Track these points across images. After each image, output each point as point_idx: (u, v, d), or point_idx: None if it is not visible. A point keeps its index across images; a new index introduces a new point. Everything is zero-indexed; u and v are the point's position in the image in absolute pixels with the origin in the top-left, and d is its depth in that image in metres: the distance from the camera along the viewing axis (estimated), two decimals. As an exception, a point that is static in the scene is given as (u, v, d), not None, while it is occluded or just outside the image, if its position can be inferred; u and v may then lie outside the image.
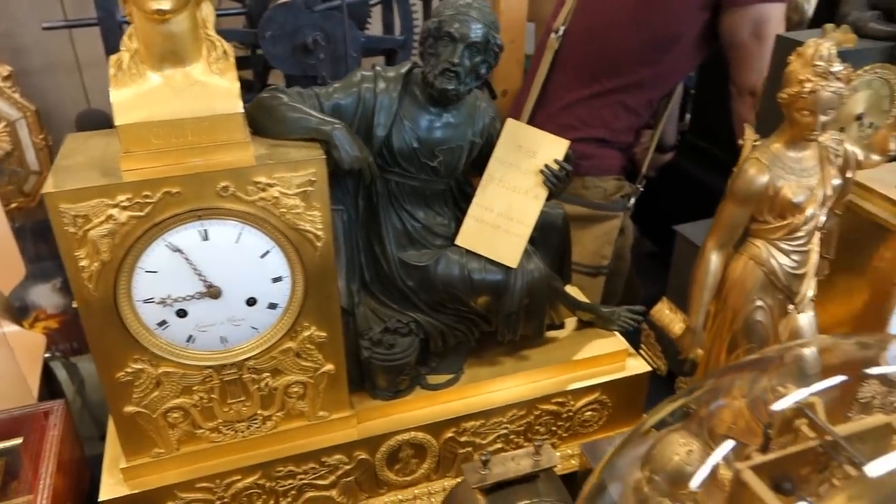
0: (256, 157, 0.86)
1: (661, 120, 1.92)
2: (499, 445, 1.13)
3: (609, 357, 1.18)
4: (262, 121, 0.90)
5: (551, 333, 1.21)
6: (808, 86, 0.76)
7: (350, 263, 1.04)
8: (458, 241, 1.06)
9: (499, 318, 1.08)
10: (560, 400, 1.14)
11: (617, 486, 0.78)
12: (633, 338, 1.45)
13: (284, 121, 0.89)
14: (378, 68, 0.98)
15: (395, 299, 1.06)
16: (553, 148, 1.06)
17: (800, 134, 0.78)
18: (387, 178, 1.01)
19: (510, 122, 1.06)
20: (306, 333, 0.96)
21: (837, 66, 0.75)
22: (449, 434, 1.09)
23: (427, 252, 1.04)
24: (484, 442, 1.12)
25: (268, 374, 0.97)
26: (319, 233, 0.90)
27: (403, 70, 0.97)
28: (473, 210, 1.06)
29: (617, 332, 1.21)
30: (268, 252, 0.89)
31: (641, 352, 1.49)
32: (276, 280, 0.91)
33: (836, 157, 0.81)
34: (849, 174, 0.83)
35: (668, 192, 2.08)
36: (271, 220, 0.87)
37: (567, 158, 1.06)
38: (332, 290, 0.95)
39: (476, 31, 0.91)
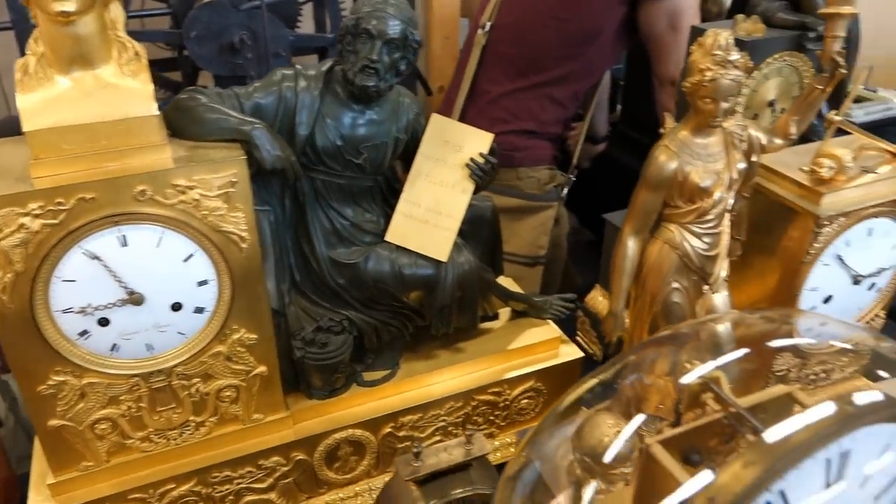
0: (175, 160, 0.84)
1: (590, 111, 1.96)
2: (437, 438, 1.14)
3: (543, 345, 1.20)
4: (180, 123, 0.88)
5: (486, 325, 1.23)
6: (709, 74, 0.80)
7: (279, 264, 1.03)
8: (388, 237, 1.06)
9: (432, 312, 1.09)
10: (496, 390, 1.16)
11: (549, 469, 0.80)
12: (571, 325, 1.49)
13: (203, 122, 0.88)
14: (299, 67, 0.97)
15: (327, 298, 1.06)
16: (478, 141, 1.07)
17: (704, 121, 0.82)
18: (312, 177, 1.00)
19: (435, 117, 1.07)
20: (236, 336, 0.95)
21: (735, 55, 0.78)
22: (387, 430, 1.10)
23: (357, 249, 1.05)
24: (423, 435, 1.13)
25: (198, 379, 0.95)
26: (244, 234, 0.89)
27: (324, 68, 0.97)
28: (402, 206, 1.07)
29: (550, 321, 1.23)
30: (191, 255, 0.88)
31: (578, 338, 1.53)
32: (202, 284, 0.90)
33: (740, 142, 0.85)
34: (754, 158, 0.86)
35: (602, 182, 2.13)
36: (193, 223, 0.86)
37: (492, 151, 1.07)
38: (261, 291, 0.94)
39: (394, 28, 0.91)
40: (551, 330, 1.22)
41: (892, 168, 0.92)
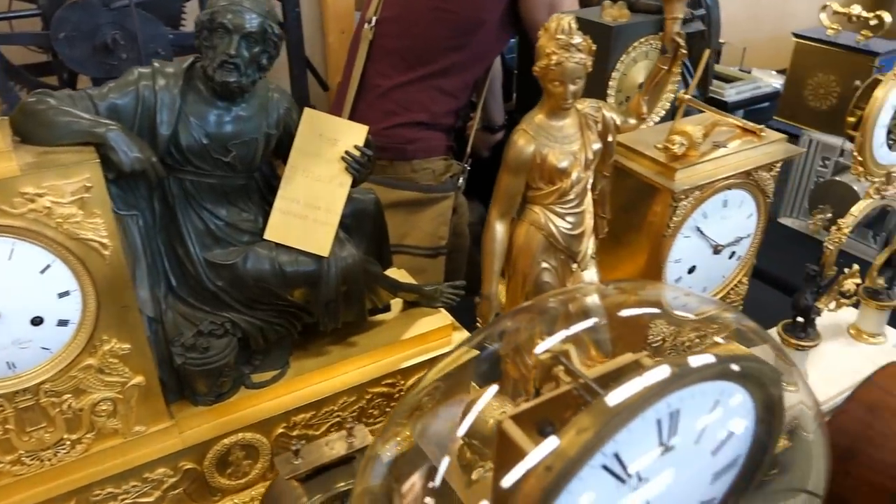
0: (21, 167, 0.80)
1: (481, 100, 1.99)
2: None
3: (435, 333, 1.21)
4: (27, 127, 0.84)
5: (378, 317, 1.23)
6: (554, 58, 0.82)
7: (153, 269, 1.00)
8: (267, 235, 1.04)
9: (318, 308, 1.08)
10: (390, 381, 1.16)
11: (440, 454, 0.80)
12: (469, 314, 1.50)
13: (52, 125, 0.84)
14: (157, 64, 0.94)
15: (207, 301, 1.03)
16: (353, 134, 1.07)
17: (556, 104, 0.84)
18: (181, 178, 0.97)
19: (308, 111, 1.06)
20: (107, 347, 0.91)
21: (577, 39, 0.81)
22: (280, 430, 1.08)
23: (234, 250, 1.02)
24: (317, 433, 1.12)
25: (69, 395, 0.91)
26: (105, 241, 0.85)
27: (185, 65, 0.94)
28: (279, 203, 1.05)
29: (442, 309, 1.25)
30: (48, 266, 0.84)
31: (479, 325, 1.55)
32: (63, 295, 0.86)
33: (595, 123, 0.88)
34: (609, 138, 0.90)
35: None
36: (47, 233, 0.82)
37: (367, 143, 1.07)
38: (129, 298, 0.91)
39: (251, 21, 0.90)
40: (443, 318, 1.23)
41: (743, 142, 0.97)
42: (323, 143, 1.06)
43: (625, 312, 0.65)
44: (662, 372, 0.53)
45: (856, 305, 1.47)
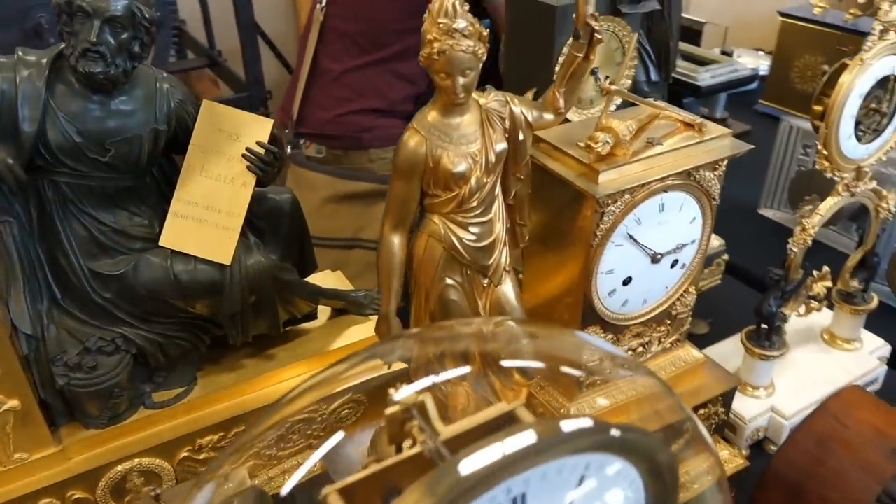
0: None
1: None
2: (251, 462, 1.04)
3: (363, 344, 1.12)
4: None
5: (303, 326, 1.13)
6: (437, 46, 0.71)
7: (31, 281, 0.90)
8: (162, 242, 0.95)
9: (224, 321, 0.99)
10: (311, 397, 1.07)
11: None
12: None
13: None
14: (20, 53, 0.84)
15: (95, 315, 0.94)
16: (256, 129, 0.96)
17: (448, 99, 0.74)
18: (55, 181, 0.88)
19: (207, 103, 0.95)
20: (-29, 371, 0.82)
21: (462, 23, 0.70)
22: (183, 454, 0.99)
23: (123, 258, 0.93)
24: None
25: (-69, 423, 0.82)
26: (-41, 252, 0.76)
27: (53, 53, 0.84)
28: (175, 206, 0.95)
29: (373, 317, 1.15)
30: None
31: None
32: None
33: (501, 120, 0.77)
34: (520, 136, 0.79)
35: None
36: None
37: (273, 139, 0.97)
38: (-6, 316, 0.82)
39: (115, 4, 0.79)
40: (373, 327, 1.14)
41: (682, 138, 0.86)
42: (223, 139, 0.96)
43: (507, 363, 0.55)
44: (526, 438, 0.43)
45: (830, 307, 1.36)
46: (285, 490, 0.56)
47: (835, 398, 0.95)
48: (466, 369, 0.54)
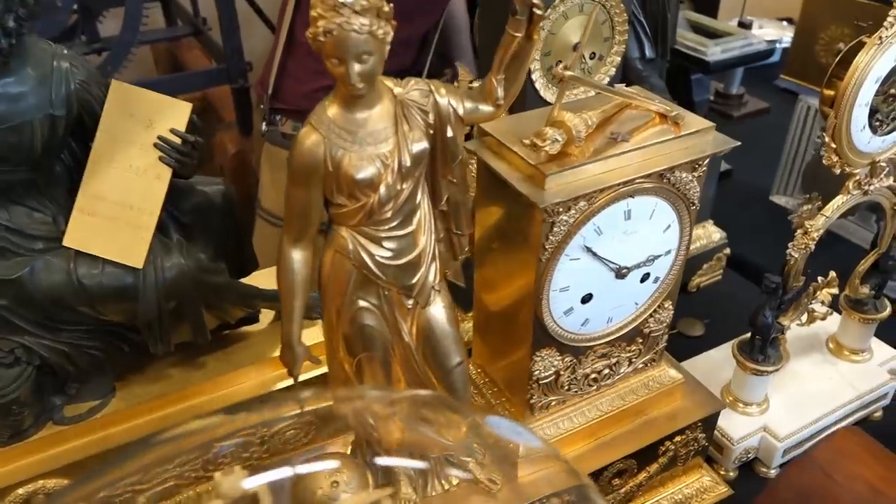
0: None
1: (427, 58, 1.75)
2: (170, 483, 0.95)
3: (312, 349, 1.01)
4: None
5: (241, 329, 1.03)
6: (322, 24, 0.59)
7: (-84, 285, 0.80)
8: (66, 242, 0.84)
9: (141, 328, 0.88)
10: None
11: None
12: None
13: None
14: None
15: (-9, 323, 0.84)
16: (172, 114, 0.85)
17: (346, 90, 0.61)
18: (-65, 174, 0.77)
19: (116, 84, 0.84)
20: None
21: None
22: (98, 473, 0.90)
23: (19, 261, 0.82)
24: (146, 478, 0.93)
25: None
26: None
27: (-76, 28, 0.73)
28: (81, 201, 0.84)
29: (320, 320, 1.04)
30: None
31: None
32: None
33: (423, 114, 0.64)
34: (449, 133, 0.66)
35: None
36: None
37: (192, 127, 0.85)
38: None
39: None
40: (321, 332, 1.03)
41: (655, 133, 0.73)
42: (135, 126, 0.84)
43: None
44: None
45: (839, 311, 1.23)
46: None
47: (825, 444, 0.82)
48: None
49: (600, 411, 0.87)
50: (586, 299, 0.77)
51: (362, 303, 0.67)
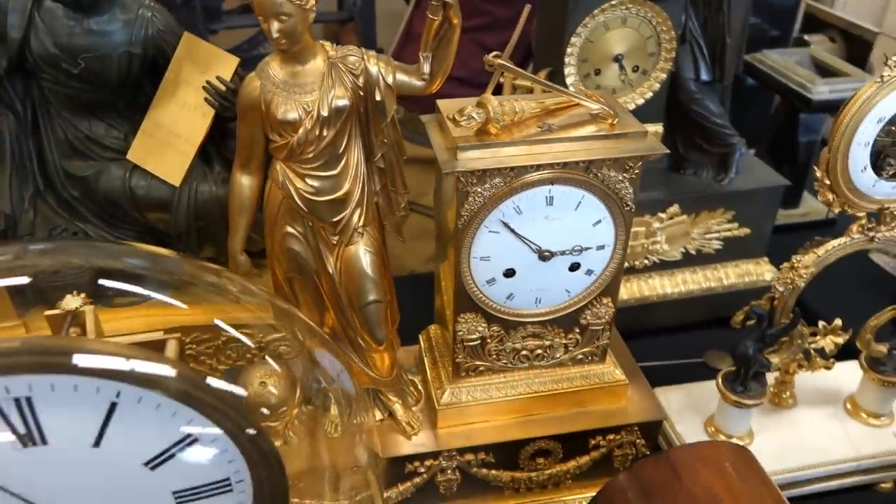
0: None
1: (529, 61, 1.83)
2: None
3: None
4: None
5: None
6: None
7: (21, 170, 1.04)
8: (129, 156, 1.05)
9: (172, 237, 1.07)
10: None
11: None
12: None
13: None
14: (13, -33, 0.96)
15: (66, 209, 1.06)
16: (222, 64, 1.02)
17: (273, 45, 0.72)
18: (41, 85, 1.00)
19: (187, 36, 1.03)
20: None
21: None
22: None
23: (92, 164, 1.04)
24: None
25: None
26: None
27: (44, -30, 0.96)
28: (146, 125, 1.04)
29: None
30: None
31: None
32: None
33: (353, 76, 0.74)
34: (378, 97, 0.75)
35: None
36: None
37: (237, 78, 1.02)
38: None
39: None
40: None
41: (588, 130, 0.77)
42: (194, 70, 1.03)
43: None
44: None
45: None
46: None
47: (689, 446, 0.81)
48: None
49: (531, 389, 0.93)
50: (509, 273, 0.83)
51: (289, 229, 0.80)
